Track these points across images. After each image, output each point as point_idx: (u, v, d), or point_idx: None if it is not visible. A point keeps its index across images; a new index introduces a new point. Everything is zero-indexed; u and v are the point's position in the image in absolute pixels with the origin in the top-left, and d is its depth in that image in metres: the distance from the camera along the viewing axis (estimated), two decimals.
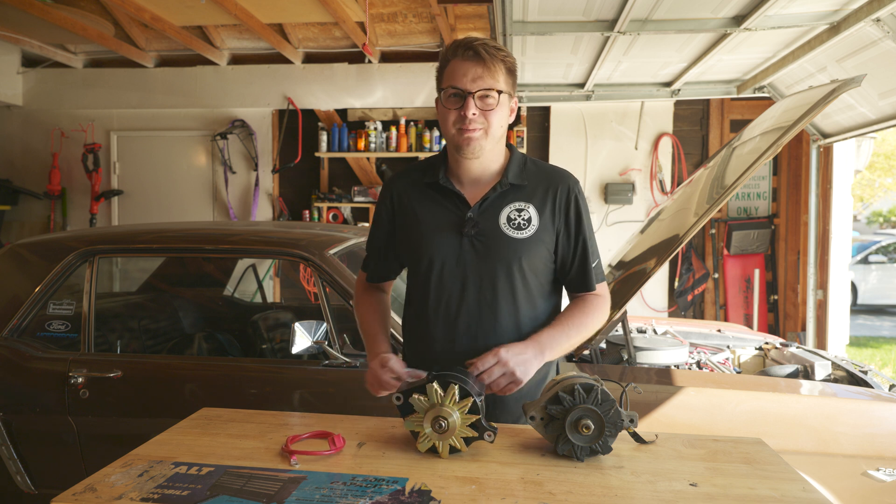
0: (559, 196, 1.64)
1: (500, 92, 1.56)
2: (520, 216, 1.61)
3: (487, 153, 1.62)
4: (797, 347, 2.98)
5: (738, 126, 5.79)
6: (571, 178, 1.68)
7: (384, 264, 1.81)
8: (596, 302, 1.67)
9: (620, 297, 2.53)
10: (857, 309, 11.72)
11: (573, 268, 1.67)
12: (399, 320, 1.91)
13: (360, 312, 1.81)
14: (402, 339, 1.82)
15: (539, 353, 1.53)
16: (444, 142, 6.33)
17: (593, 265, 1.67)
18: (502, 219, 1.61)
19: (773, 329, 6.00)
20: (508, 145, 1.70)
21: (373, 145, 5.88)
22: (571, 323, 1.63)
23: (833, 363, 2.65)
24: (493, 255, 1.60)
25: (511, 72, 1.60)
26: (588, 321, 1.64)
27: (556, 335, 1.59)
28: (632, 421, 1.39)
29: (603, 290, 1.70)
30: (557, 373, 1.75)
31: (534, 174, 1.67)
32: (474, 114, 1.55)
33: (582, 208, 1.66)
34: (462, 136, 1.57)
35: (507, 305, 1.61)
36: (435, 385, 1.39)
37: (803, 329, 5.09)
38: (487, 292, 1.60)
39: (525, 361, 1.50)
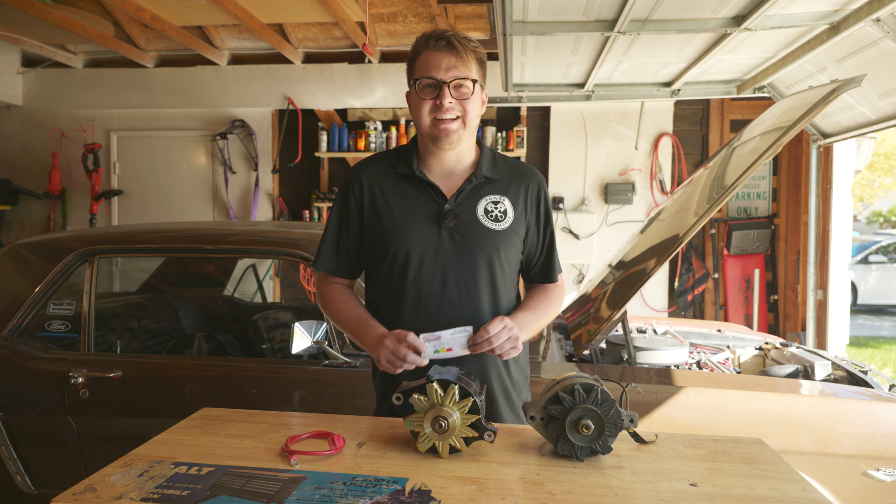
0: (531, 191, 1.70)
1: (474, 81, 1.59)
2: (496, 208, 1.64)
3: (464, 143, 1.64)
4: (797, 347, 2.97)
5: (738, 126, 5.79)
6: (540, 175, 1.75)
7: (357, 258, 1.72)
8: (557, 291, 1.76)
9: (620, 297, 2.52)
10: (857, 309, 11.72)
11: (540, 259, 1.74)
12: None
13: (336, 303, 1.70)
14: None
15: (520, 329, 1.58)
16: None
17: (555, 257, 1.76)
18: (480, 211, 1.63)
19: (773, 329, 5.99)
20: (477, 139, 1.73)
21: (373, 145, 5.88)
22: (539, 307, 1.69)
23: (833, 363, 2.65)
24: (472, 247, 1.61)
25: (481, 63, 1.64)
26: (552, 308, 1.73)
27: (529, 318, 1.64)
28: (632, 421, 1.39)
29: (561, 280, 1.79)
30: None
31: (504, 168, 1.71)
32: (450, 102, 1.57)
33: (549, 204, 1.74)
34: (439, 128, 1.60)
35: (488, 296, 1.64)
36: (435, 385, 1.39)
37: (803, 329, 5.09)
38: (469, 284, 1.61)
39: (519, 331, 1.56)
